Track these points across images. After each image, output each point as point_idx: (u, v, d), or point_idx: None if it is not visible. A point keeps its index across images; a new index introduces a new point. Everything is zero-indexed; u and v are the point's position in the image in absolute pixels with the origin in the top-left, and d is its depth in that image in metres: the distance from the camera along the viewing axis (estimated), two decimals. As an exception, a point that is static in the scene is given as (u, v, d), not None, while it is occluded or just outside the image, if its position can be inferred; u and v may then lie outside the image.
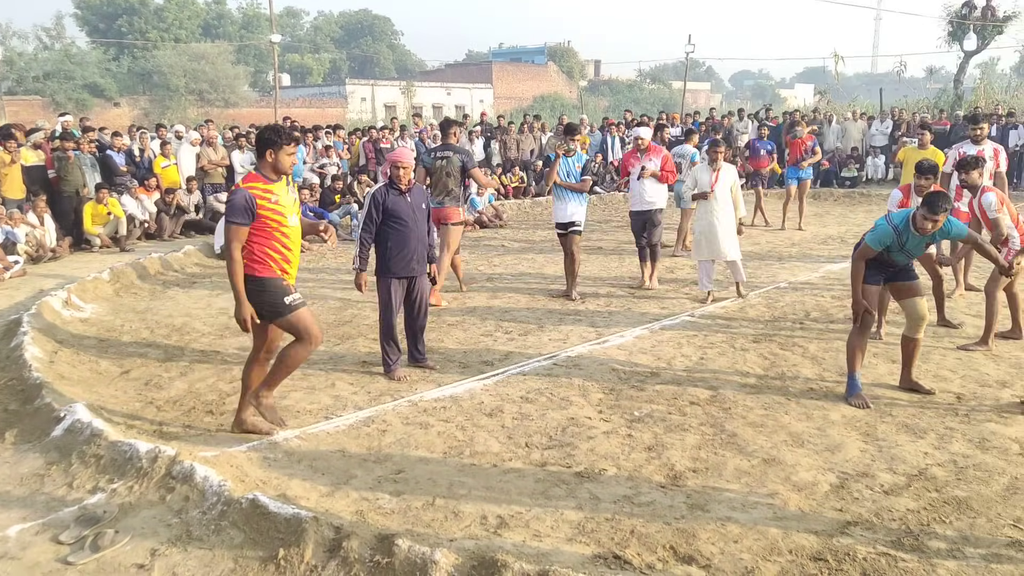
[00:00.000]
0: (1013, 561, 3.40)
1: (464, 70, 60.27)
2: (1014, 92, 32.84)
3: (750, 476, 4.28)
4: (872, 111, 23.69)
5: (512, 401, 5.44)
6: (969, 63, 26.65)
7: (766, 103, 27.57)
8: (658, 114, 22.04)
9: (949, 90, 27.14)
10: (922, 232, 5.23)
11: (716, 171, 8.13)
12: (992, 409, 5.21)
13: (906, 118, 20.48)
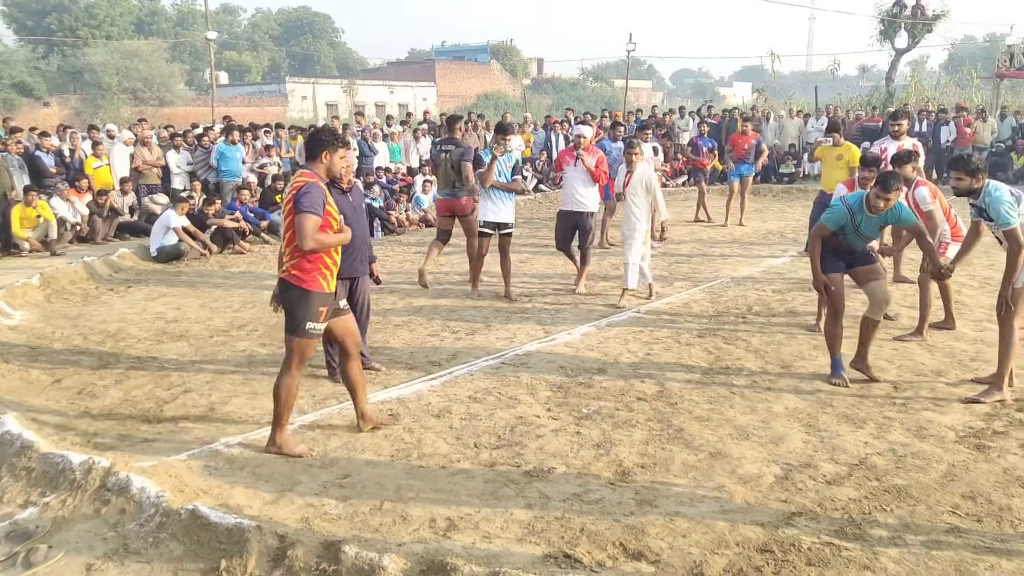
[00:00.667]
0: (953, 547, 3.49)
1: (407, 68, 59.88)
2: (943, 89, 34.01)
3: (697, 470, 4.32)
4: (808, 109, 24.26)
5: (460, 401, 5.39)
6: (900, 61, 27.50)
7: (707, 101, 27.98)
8: (601, 112, 22.19)
9: (881, 88, 27.95)
10: (874, 211, 5.46)
11: (630, 172, 8.08)
12: (928, 398, 5.36)
13: (840, 115, 21.00)
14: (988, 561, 3.37)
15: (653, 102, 47.60)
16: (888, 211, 5.49)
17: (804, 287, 8.81)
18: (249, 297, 8.72)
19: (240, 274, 10.20)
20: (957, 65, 47.90)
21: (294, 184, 4.41)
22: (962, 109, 19.55)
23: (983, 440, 4.63)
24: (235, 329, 7.41)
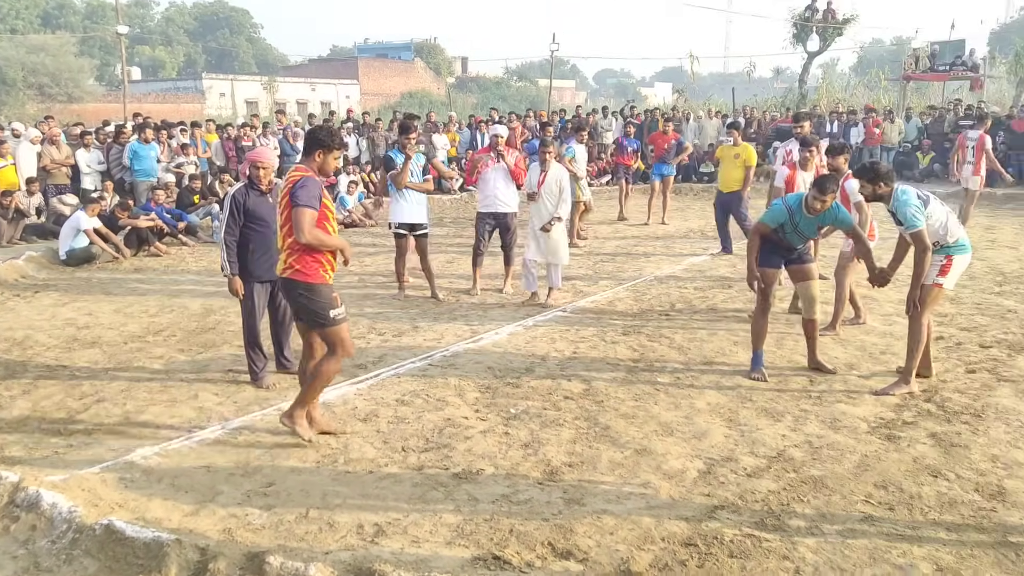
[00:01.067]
0: (867, 535, 3.63)
1: (329, 65, 58.91)
2: (853, 91, 35.39)
3: (623, 467, 4.38)
4: (726, 109, 24.89)
5: (387, 405, 5.34)
6: (812, 64, 28.44)
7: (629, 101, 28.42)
8: (525, 111, 22.28)
9: (795, 89, 28.89)
10: (811, 212, 5.68)
11: (544, 172, 7.95)
12: (841, 391, 5.56)
13: (757, 116, 21.63)
14: (900, 548, 3.52)
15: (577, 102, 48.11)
16: (826, 212, 5.69)
17: (725, 284, 9.05)
18: (166, 301, 8.44)
19: (156, 277, 9.86)
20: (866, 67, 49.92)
21: (290, 178, 4.45)
22: (871, 110, 20.36)
23: (894, 430, 4.83)
24: (151, 335, 7.16)
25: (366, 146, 17.68)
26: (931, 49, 25.49)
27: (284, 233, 4.52)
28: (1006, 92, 29.24)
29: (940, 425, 4.89)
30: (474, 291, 8.70)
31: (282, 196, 4.51)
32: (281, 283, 4.65)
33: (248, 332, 5.75)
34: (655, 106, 26.82)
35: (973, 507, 3.87)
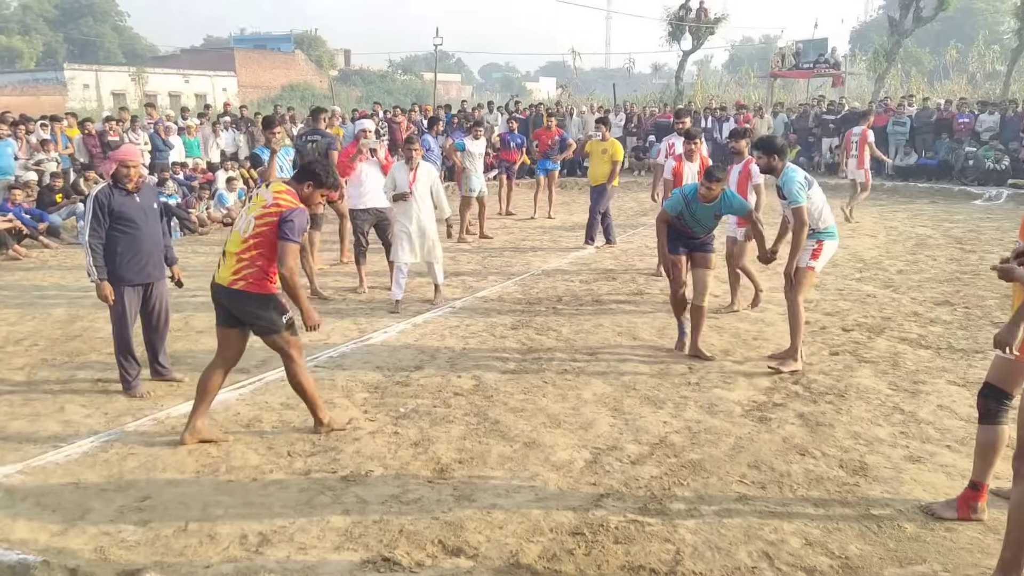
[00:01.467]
0: (741, 514, 3.82)
1: (203, 56, 56.44)
2: (725, 87, 36.93)
3: (513, 461, 4.43)
4: (608, 104, 25.48)
5: (272, 409, 5.19)
6: (687, 61, 29.49)
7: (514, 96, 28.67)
8: (411, 105, 22.09)
9: (672, 86, 29.89)
10: (705, 200, 6.08)
11: (413, 170, 7.63)
12: (718, 376, 5.81)
13: (636, 111, 22.25)
14: (772, 524, 3.71)
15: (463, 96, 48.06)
16: (721, 201, 6.11)
17: (609, 277, 9.27)
18: (27, 308, 7.91)
19: (16, 283, 9.21)
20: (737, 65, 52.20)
21: (279, 201, 4.45)
22: (741, 106, 21.30)
23: (765, 412, 5.09)
24: (11, 344, 6.69)
25: (245, 141, 17.09)
26: (796, 47, 26.92)
27: (249, 245, 4.43)
28: (866, 88, 31.13)
29: (807, 406, 5.18)
30: (361, 289, 8.58)
31: (261, 214, 4.44)
32: (226, 293, 4.53)
33: (119, 339, 5.46)
34: (539, 101, 27.13)
35: (838, 482, 4.13)
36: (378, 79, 63.35)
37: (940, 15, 26.06)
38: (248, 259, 4.44)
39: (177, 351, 6.27)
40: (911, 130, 18.39)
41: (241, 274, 4.45)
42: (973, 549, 3.48)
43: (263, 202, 4.48)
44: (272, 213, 4.40)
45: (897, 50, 26.23)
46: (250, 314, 4.54)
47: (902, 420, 4.93)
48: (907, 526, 3.67)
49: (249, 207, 4.55)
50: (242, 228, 4.49)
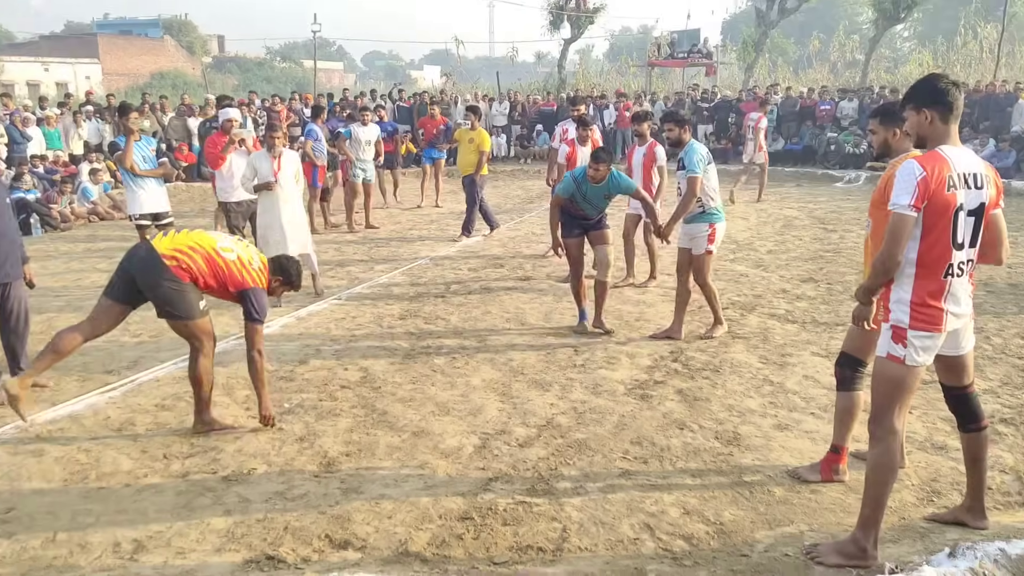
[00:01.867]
0: (624, 488, 3.94)
1: (64, 43, 52.90)
2: (606, 76, 37.72)
3: (401, 451, 4.41)
4: (492, 93, 25.55)
5: (146, 411, 4.97)
6: (569, 50, 29.96)
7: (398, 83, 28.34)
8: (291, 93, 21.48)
9: (555, 74, 30.29)
10: (592, 180, 6.30)
11: (277, 158, 7.39)
12: (603, 357, 5.96)
13: (521, 99, 22.42)
14: (653, 497, 3.85)
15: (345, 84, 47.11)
16: (609, 181, 6.32)
17: (497, 264, 9.33)
18: None
19: None
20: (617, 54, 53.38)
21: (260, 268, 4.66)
22: (621, 95, 21.81)
23: (647, 390, 5.26)
24: None
25: (111, 131, 16.18)
26: (671, 38, 27.77)
27: (215, 264, 4.47)
28: (736, 77, 32.49)
29: (685, 382, 5.40)
30: None
31: (242, 264, 4.54)
32: (154, 263, 4.38)
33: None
34: (424, 89, 26.94)
35: (713, 453, 4.33)
36: (255, 67, 61.24)
37: (804, 6, 27.53)
38: (197, 268, 4.43)
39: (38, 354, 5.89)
40: (778, 118, 19.33)
41: (182, 263, 4.40)
42: (836, 509, 3.73)
43: (250, 256, 4.62)
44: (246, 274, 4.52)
45: (764, 41, 27.53)
46: (167, 296, 4.39)
47: (771, 391, 5.21)
48: (776, 490, 3.89)
49: (241, 247, 4.64)
50: (220, 247, 4.52)
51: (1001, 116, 16.69)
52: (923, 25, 47.67)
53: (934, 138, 3.17)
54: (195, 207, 14.51)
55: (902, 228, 3.03)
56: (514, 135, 21.52)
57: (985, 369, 5.48)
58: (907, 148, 3.69)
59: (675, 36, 27.88)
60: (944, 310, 3.13)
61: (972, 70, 28.04)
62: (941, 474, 4.03)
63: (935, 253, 3.09)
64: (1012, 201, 13.05)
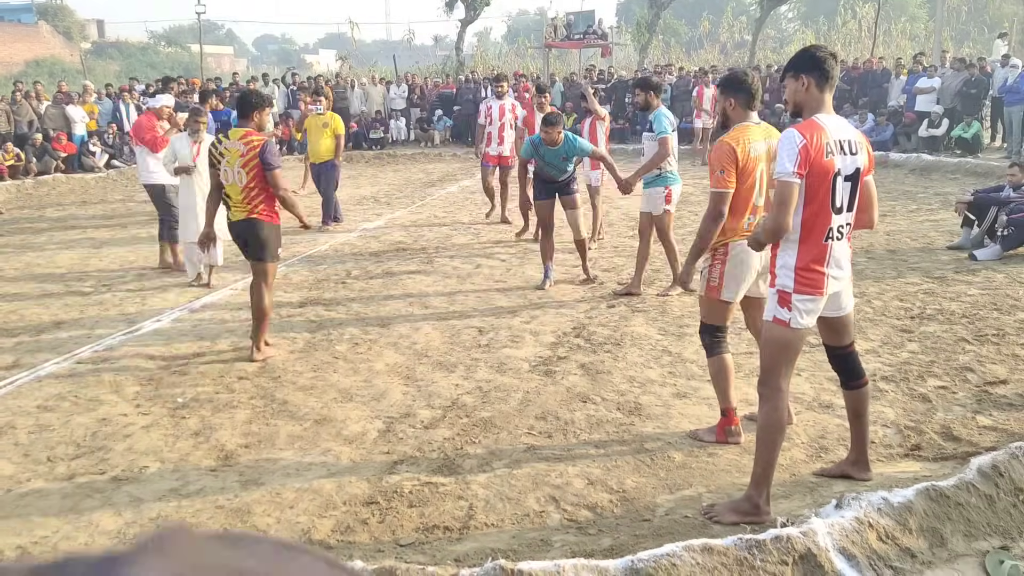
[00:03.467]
0: (530, 463, 3.97)
1: (-77, 28, 49.14)
2: (504, 58, 37.73)
3: (303, 439, 4.31)
4: (391, 76, 25.19)
5: (27, 414, 4.69)
6: (467, 32, 29.79)
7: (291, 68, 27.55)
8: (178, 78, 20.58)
9: (453, 57, 30.08)
10: (548, 144, 6.80)
11: (198, 143, 7.44)
12: (507, 336, 5.97)
13: (419, 82, 22.19)
14: (558, 469, 3.90)
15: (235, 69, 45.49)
16: (565, 144, 6.81)
17: (399, 248, 9.22)
18: None
19: None
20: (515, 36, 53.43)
21: (250, 142, 5.26)
22: (520, 76, 21.86)
23: (550, 366, 5.31)
24: None
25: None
26: (567, 19, 27.96)
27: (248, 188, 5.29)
28: (632, 57, 33.05)
29: (588, 356, 5.48)
30: None
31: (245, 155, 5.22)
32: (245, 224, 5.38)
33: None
34: (319, 73, 26.29)
35: (616, 424, 4.41)
36: (139, 52, 58.35)
37: (693, -11, 28.13)
38: (253, 195, 5.31)
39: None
40: (671, 97, 19.77)
41: (254, 206, 5.33)
42: (731, 470, 3.86)
43: (238, 152, 5.25)
44: (251, 156, 5.21)
45: (657, 22, 28.05)
46: (260, 239, 5.38)
47: (670, 361, 5.34)
48: (676, 456, 4.00)
49: (227, 161, 5.27)
50: (236, 179, 5.28)
51: (878, 92, 17.55)
52: (805, 6, 49.68)
53: (810, 105, 3.30)
54: (76, 199, 13.75)
55: (790, 194, 3.15)
56: (413, 118, 21.29)
57: (867, 330, 5.78)
58: (742, 119, 4.05)
59: (571, 18, 28.10)
60: (826, 274, 3.27)
61: (851, 48, 29.45)
62: (828, 431, 4.23)
63: (818, 219, 3.22)
64: (889, 172, 13.82)
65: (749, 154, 3.91)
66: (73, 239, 10.04)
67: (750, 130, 3.99)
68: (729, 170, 3.90)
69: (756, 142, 3.96)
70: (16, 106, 15.58)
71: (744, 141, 3.93)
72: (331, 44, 75.89)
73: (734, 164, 3.90)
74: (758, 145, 3.96)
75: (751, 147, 3.93)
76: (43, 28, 52.29)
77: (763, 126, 4.10)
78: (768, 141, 3.98)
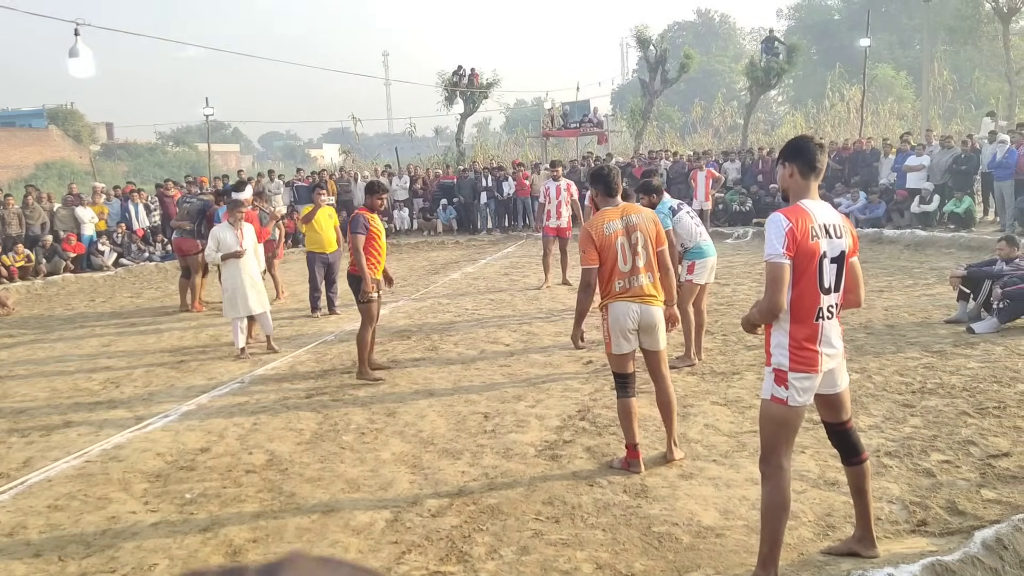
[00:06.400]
0: (537, 549, 3.98)
1: (-61, 136, 50.63)
2: (504, 147, 38.69)
3: (311, 532, 4.33)
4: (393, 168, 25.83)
5: (37, 513, 4.71)
6: (466, 123, 30.64)
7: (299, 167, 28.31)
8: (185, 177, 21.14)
9: (453, 148, 30.87)
10: None
11: (240, 230, 8.50)
12: (512, 421, 6.02)
13: (420, 174, 22.74)
14: (566, 555, 3.91)
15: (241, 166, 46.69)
16: None
17: (404, 336, 9.33)
18: None
19: None
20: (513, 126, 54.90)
21: None
22: (519, 165, 22.42)
23: (556, 450, 5.35)
24: None
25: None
26: (563, 109, 28.87)
27: None
28: (628, 143, 33.89)
29: (593, 439, 5.51)
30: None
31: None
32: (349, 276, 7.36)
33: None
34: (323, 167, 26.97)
35: (622, 506, 4.43)
36: (147, 152, 59.95)
37: (684, 76, 29.09)
38: None
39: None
40: (667, 181, 20.22)
41: None
42: (739, 550, 3.87)
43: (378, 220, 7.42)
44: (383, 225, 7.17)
45: (651, 109, 28.89)
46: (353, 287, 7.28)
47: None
48: (683, 537, 4.01)
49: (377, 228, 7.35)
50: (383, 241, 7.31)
51: (869, 171, 17.95)
52: (794, 90, 51.16)
53: (795, 191, 3.47)
54: (85, 298, 13.96)
55: (781, 275, 3.28)
56: (416, 208, 21.74)
57: (869, 406, 5.82)
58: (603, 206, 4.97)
59: (567, 108, 29.01)
60: (819, 352, 3.37)
61: (841, 129, 30.18)
62: (834, 508, 4.24)
63: (806, 299, 3.34)
64: (885, 248, 14.04)
65: (604, 232, 4.76)
66: (82, 337, 10.18)
67: (607, 213, 4.85)
68: (589, 250, 4.78)
69: (611, 221, 4.80)
70: (28, 209, 15.98)
71: (598, 225, 4.80)
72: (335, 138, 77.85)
73: (592, 244, 4.77)
74: (613, 224, 4.79)
75: (605, 227, 4.78)
76: (53, 132, 53.89)
77: (621, 206, 4.94)
78: (625, 217, 4.84)
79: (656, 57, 27.53)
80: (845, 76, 36.55)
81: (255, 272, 8.64)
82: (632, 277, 4.80)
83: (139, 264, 16.81)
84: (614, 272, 4.78)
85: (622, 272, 4.78)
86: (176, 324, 10.79)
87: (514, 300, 11.28)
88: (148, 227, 17.81)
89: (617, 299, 4.79)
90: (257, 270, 8.74)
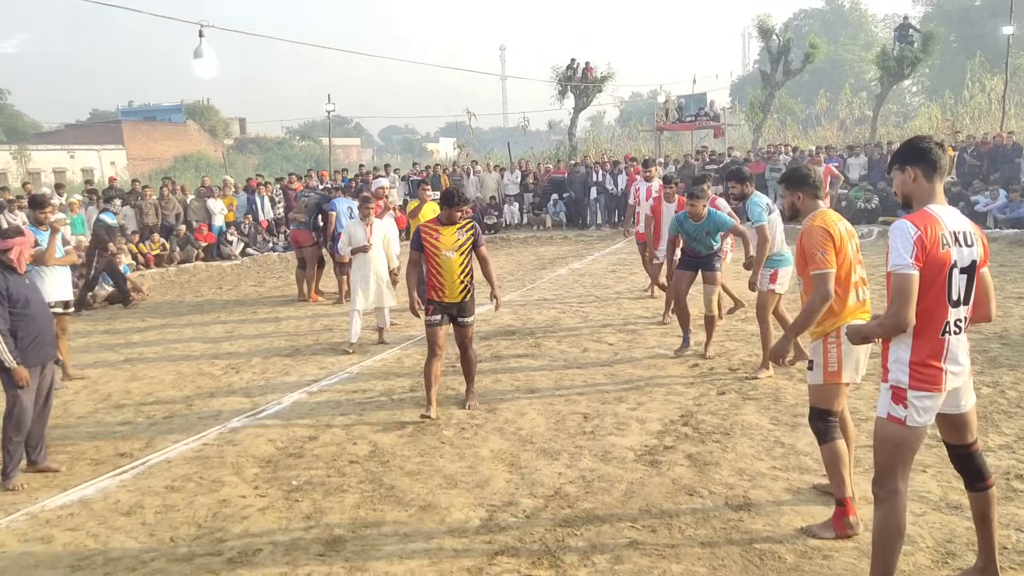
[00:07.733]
0: (632, 559, 3.88)
1: (89, 131, 54.67)
2: (617, 141, 38.25)
3: (408, 526, 4.38)
4: (505, 162, 26.00)
5: (155, 494, 4.98)
6: (579, 117, 30.48)
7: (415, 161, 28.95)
8: (307, 171, 21.98)
9: (566, 142, 30.77)
10: (692, 218, 7.41)
11: (369, 225, 8.74)
12: (613, 424, 5.92)
13: (532, 168, 22.78)
14: (661, 567, 3.79)
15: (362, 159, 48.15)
16: (708, 219, 7.36)
17: (508, 332, 9.35)
18: None
19: None
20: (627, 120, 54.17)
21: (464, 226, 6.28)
22: (631, 159, 22.10)
23: (656, 456, 5.21)
24: None
25: (135, 215, 16.58)
26: (679, 102, 28.23)
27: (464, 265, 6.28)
28: (746, 137, 32.83)
29: (695, 446, 5.34)
30: None
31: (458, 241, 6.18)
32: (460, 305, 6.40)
33: (19, 423, 5.19)
34: (438, 161, 27.45)
35: (723, 519, 4.26)
36: (275, 146, 62.84)
37: (808, 67, 27.90)
38: (467, 275, 6.28)
39: (52, 438, 5.96)
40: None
41: (468, 288, 6.32)
42: (847, 574, 3.64)
43: (453, 235, 6.16)
44: (466, 239, 6.17)
45: (771, 101, 27.88)
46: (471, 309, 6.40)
47: (783, 453, 5.14)
48: (787, 557, 3.81)
49: (439, 244, 6.13)
50: (453, 258, 6.14)
51: (1010, 167, 16.70)
52: (930, 80, 48.17)
53: (919, 196, 3.21)
54: (214, 285, 14.73)
55: (910, 287, 3.04)
56: (526, 203, 21.80)
57: (1000, 424, 5.39)
58: (814, 208, 4.21)
59: (682, 101, 28.34)
60: (943, 369, 3.11)
61: (980, 122, 28.16)
62: (956, 535, 3.93)
63: (933, 312, 3.09)
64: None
65: (840, 232, 4.06)
66: (208, 323, 10.74)
67: (829, 213, 4.18)
68: (829, 250, 3.98)
69: (840, 221, 4.16)
70: (164, 200, 17.00)
71: (833, 221, 4.10)
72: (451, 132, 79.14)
73: (832, 244, 4.01)
74: (844, 223, 4.16)
75: (840, 224, 4.11)
76: (191, 126, 57.31)
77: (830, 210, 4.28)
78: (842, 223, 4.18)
79: (779, 47, 26.51)
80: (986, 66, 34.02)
81: (382, 268, 8.82)
82: (863, 288, 4.14)
83: (263, 254, 17.60)
84: (848, 280, 4.06)
85: (854, 282, 4.10)
86: (294, 313, 11.22)
87: (620, 299, 11.12)
88: (272, 219, 18.61)
89: (855, 315, 4.04)
90: (384, 266, 8.88)
